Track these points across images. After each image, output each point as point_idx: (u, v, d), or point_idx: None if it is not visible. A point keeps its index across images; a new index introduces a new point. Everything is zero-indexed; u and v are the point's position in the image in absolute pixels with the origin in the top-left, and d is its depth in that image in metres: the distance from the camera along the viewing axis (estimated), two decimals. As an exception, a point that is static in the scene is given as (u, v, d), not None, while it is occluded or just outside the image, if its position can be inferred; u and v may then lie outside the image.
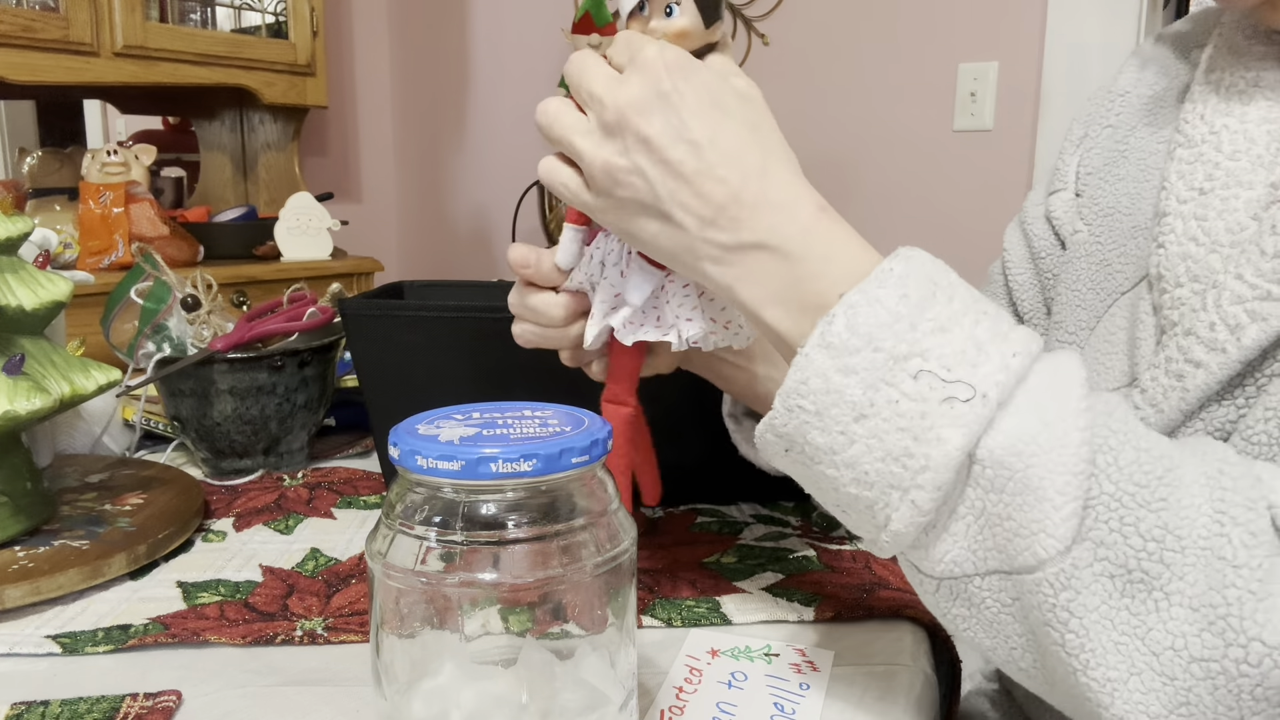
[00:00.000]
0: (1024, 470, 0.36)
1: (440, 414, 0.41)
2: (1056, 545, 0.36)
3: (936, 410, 0.37)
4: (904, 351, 0.37)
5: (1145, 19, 1.85)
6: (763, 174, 0.42)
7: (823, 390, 0.38)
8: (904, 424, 0.37)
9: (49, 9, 1.70)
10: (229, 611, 0.55)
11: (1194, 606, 0.35)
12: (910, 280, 0.39)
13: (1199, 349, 0.46)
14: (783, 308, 0.42)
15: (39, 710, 0.45)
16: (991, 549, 0.37)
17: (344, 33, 2.64)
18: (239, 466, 0.79)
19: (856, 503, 0.39)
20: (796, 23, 2.18)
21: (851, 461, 0.38)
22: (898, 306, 0.38)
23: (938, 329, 0.38)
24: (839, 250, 0.42)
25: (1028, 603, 0.37)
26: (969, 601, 0.39)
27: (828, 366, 0.38)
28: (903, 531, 0.38)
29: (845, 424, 0.38)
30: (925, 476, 0.37)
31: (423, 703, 0.39)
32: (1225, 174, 0.50)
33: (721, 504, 0.73)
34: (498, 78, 2.65)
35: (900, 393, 0.37)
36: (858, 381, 0.38)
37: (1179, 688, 0.35)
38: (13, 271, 0.60)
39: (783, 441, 0.41)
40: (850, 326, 0.38)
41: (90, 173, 1.71)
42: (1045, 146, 1.95)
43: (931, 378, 0.37)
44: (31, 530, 0.61)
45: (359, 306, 0.69)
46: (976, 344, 0.37)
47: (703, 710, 0.46)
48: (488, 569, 0.36)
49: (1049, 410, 0.37)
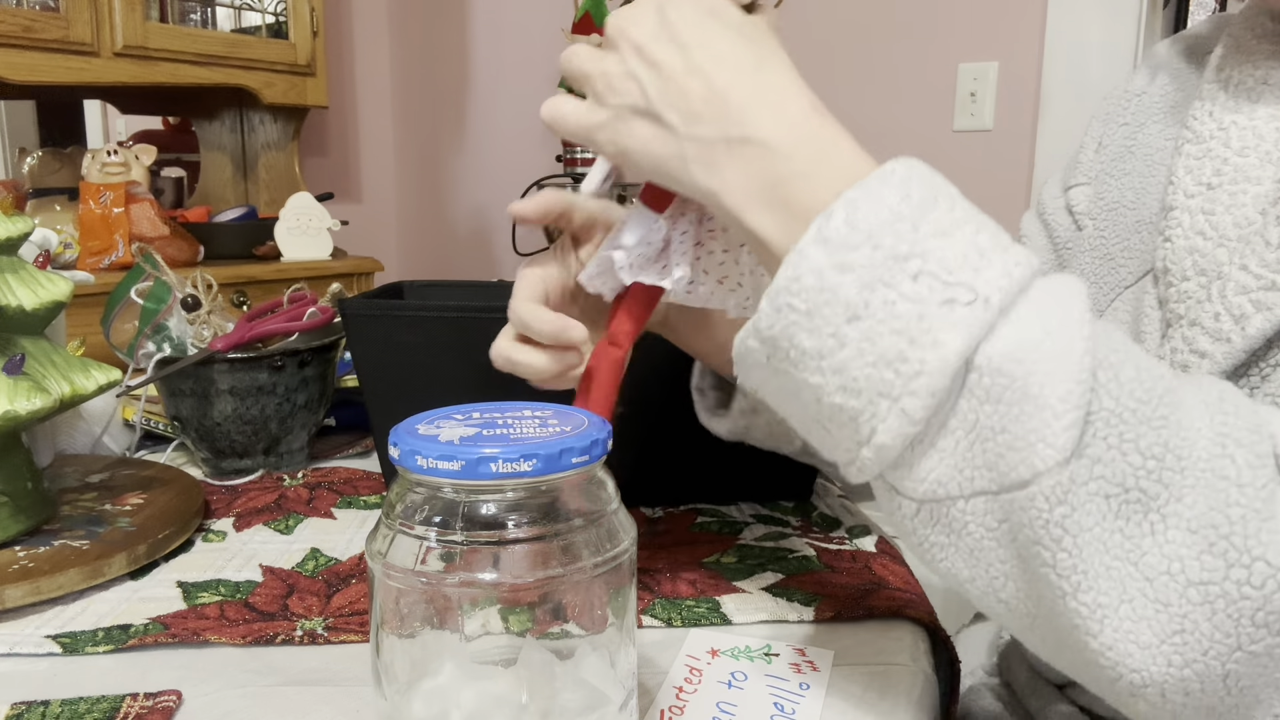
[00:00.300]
0: (1024, 378, 0.34)
1: (440, 414, 0.41)
2: (1055, 456, 0.34)
3: (935, 313, 0.35)
4: (904, 251, 0.36)
5: (1145, 19, 1.85)
6: (755, 71, 0.41)
7: (816, 288, 0.36)
8: (900, 326, 0.35)
9: (49, 9, 1.70)
10: (229, 611, 0.55)
11: (1193, 529, 0.34)
12: (913, 182, 0.37)
13: (1204, 339, 0.46)
14: (769, 210, 0.40)
15: (39, 710, 0.45)
16: (980, 466, 0.36)
17: (344, 33, 2.64)
18: (239, 466, 0.79)
19: (839, 414, 0.37)
20: (796, 22, 2.18)
21: (840, 366, 0.36)
22: (900, 206, 0.36)
23: (939, 233, 0.36)
24: (831, 150, 0.40)
25: (1017, 521, 0.35)
26: (949, 527, 0.37)
27: (823, 263, 0.36)
28: (888, 445, 0.36)
29: (837, 325, 0.36)
30: (919, 382, 0.35)
31: (423, 703, 0.39)
32: (1234, 169, 0.50)
33: (721, 504, 0.73)
34: (498, 78, 2.65)
35: (898, 293, 0.35)
36: (854, 280, 0.36)
37: (1173, 614, 0.34)
38: (13, 271, 0.60)
39: (765, 347, 0.39)
40: (850, 222, 0.36)
41: (90, 173, 1.71)
42: (1045, 146, 1.95)
43: (932, 279, 0.35)
44: (32, 530, 0.61)
45: (359, 306, 0.69)
46: (979, 250, 0.36)
47: (703, 710, 0.46)
48: (488, 569, 0.36)
49: (1052, 319, 0.35)
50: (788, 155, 0.40)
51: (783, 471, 0.73)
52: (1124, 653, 0.34)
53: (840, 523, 0.70)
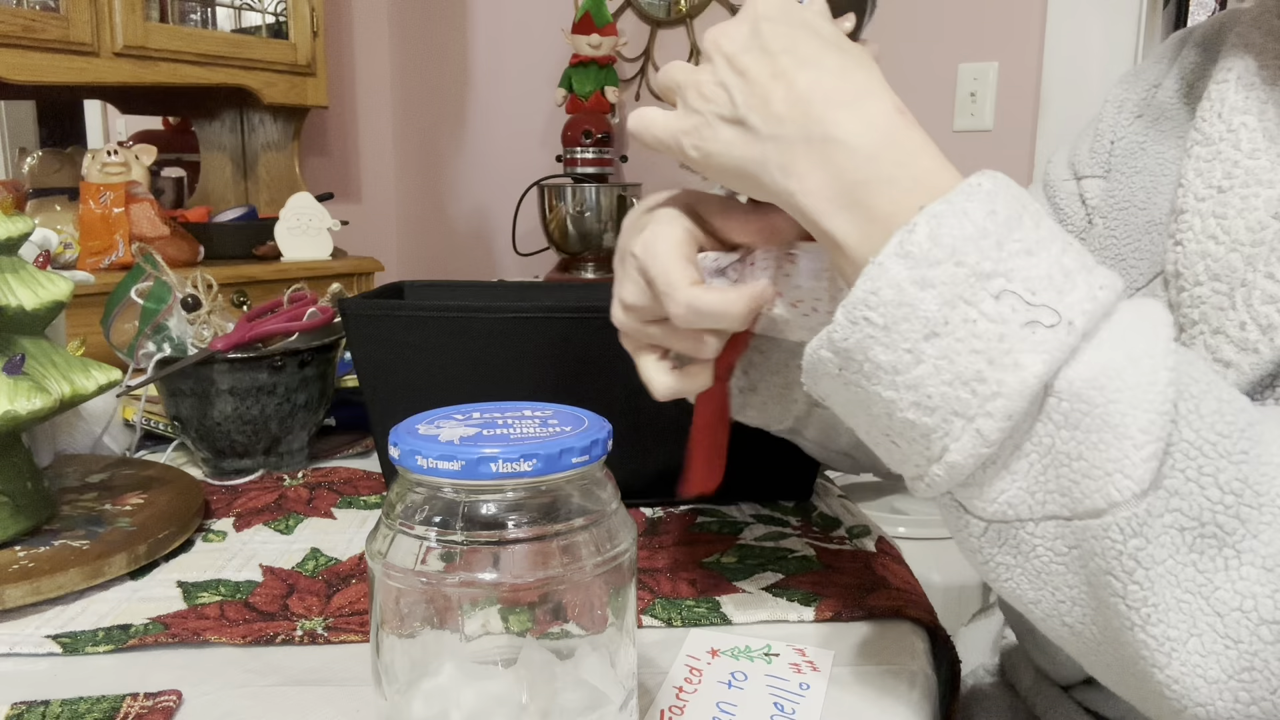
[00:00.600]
0: (1105, 405, 0.34)
1: (440, 414, 0.41)
2: (1133, 487, 0.33)
3: (1017, 334, 0.34)
4: (988, 269, 0.35)
5: (1145, 19, 1.85)
6: (839, 75, 0.41)
7: (895, 302, 0.36)
8: (980, 345, 0.35)
9: (49, 9, 1.70)
10: (229, 611, 0.55)
11: (1268, 566, 0.34)
12: (999, 198, 0.37)
13: (1229, 349, 0.46)
14: (848, 213, 0.39)
15: (39, 710, 0.45)
16: (1054, 491, 0.35)
17: (344, 33, 2.64)
18: (239, 466, 0.79)
19: (910, 430, 0.37)
20: (796, 23, 2.18)
21: (915, 383, 0.36)
22: (985, 222, 0.36)
23: (1024, 251, 0.36)
24: (915, 155, 0.39)
25: (1088, 550, 0.35)
26: (1017, 548, 0.37)
27: (903, 277, 0.36)
28: (960, 464, 0.36)
29: (914, 341, 0.36)
30: (996, 404, 0.35)
31: (423, 703, 0.39)
32: (1245, 172, 0.50)
33: (721, 504, 0.73)
34: (498, 78, 2.65)
35: (979, 312, 0.35)
36: (934, 296, 0.35)
37: (1243, 651, 0.34)
38: (13, 271, 0.60)
39: (839, 359, 0.38)
40: (933, 236, 0.36)
41: (90, 173, 1.71)
42: (1045, 146, 1.95)
43: (1015, 299, 0.35)
44: (32, 530, 0.61)
45: (359, 306, 0.69)
46: (1064, 271, 0.35)
47: (703, 710, 0.46)
48: (488, 569, 0.36)
49: (1136, 346, 0.35)
50: (869, 156, 0.39)
51: (783, 471, 0.73)
52: (1190, 686, 0.34)
53: (840, 523, 0.70)
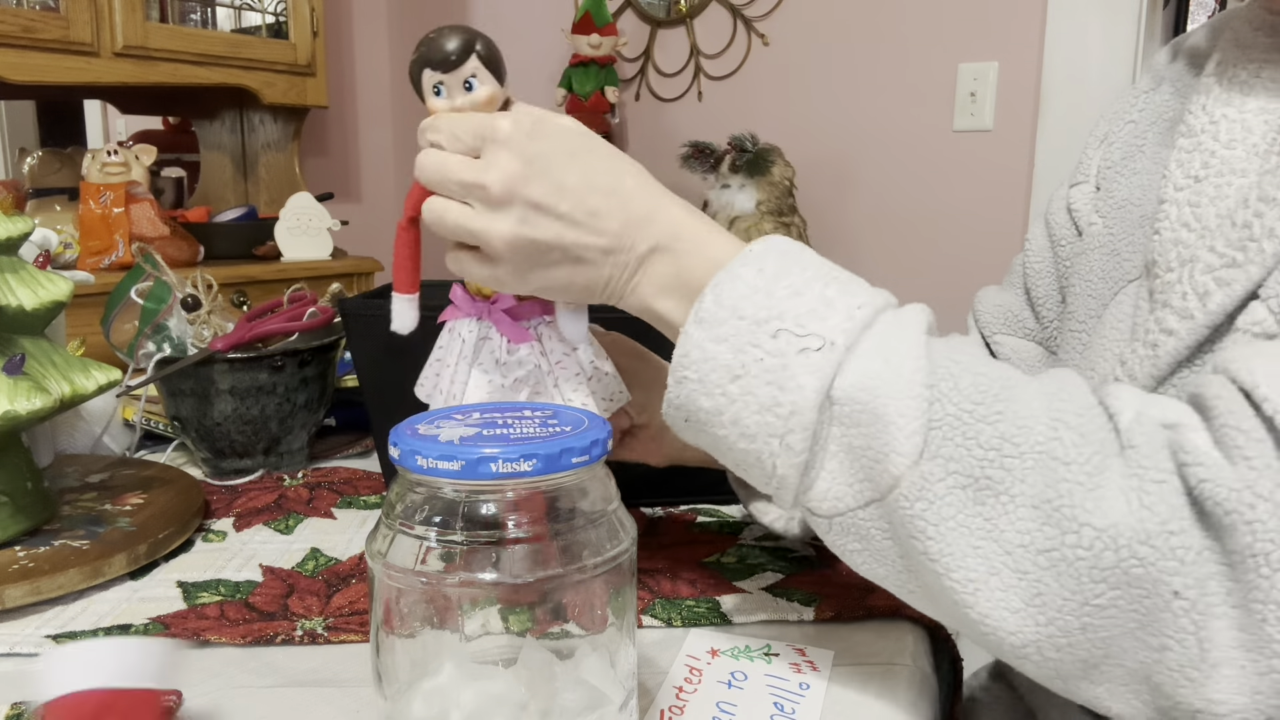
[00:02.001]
0: (871, 401, 0.40)
1: (440, 414, 0.41)
2: (904, 461, 0.40)
3: (795, 361, 0.42)
4: (763, 316, 0.43)
5: (1145, 19, 1.85)
6: (636, 193, 0.48)
7: (701, 359, 0.44)
8: (770, 377, 0.42)
9: (49, 9, 1.70)
10: (229, 611, 0.55)
11: (1035, 504, 0.39)
12: (767, 257, 0.45)
13: (1172, 318, 0.49)
14: (672, 297, 0.47)
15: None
16: (862, 479, 0.41)
17: (344, 33, 2.64)
18: (239, 466, 0.79)
19: (748, 457, 0.44)
20: (796, 23, 2.18)
21: (735, 419, 0.43)
22: (755, 279, 0.44)
23: (792, 293, 0.43)
24: (709, 240, 0.47)
25: (895, 522, 0.41)
26: (859, 534, 0.43)
27: (702, 337, 0.44)
28: (787, 475, 0.43)
29: (723, 385, 0.43)
30: (794, 420, 0.41)
31: (423, 702, 0.39)
32: (1220, 162, 0.51)
33: (721, 504, 0.73)
34: (498, 78, 2.64)
35: (764, 351, 0.42)
36: (728, 347, 0.43)
37: (1031, 580, 0.39)
38: (13, 271, 0.60)
39: (680, 412, 0.45)
40: (717, 300, 0.44)
41: (90, 173, 1.71)
42: (1045, 146, 1.94)
43: (788, 335, 0.42)
44: (32, 530, 0.61)
45: (359, 306, 0.69)
46: (825, 301, 0.43)
47: (703, 710, 0.46)
48: (488, 569, 0.36)
49: (890, 350, 0.41)
50: (682, 252, 0.47)
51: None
52: (999, 620, 0.40)
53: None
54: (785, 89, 2.18)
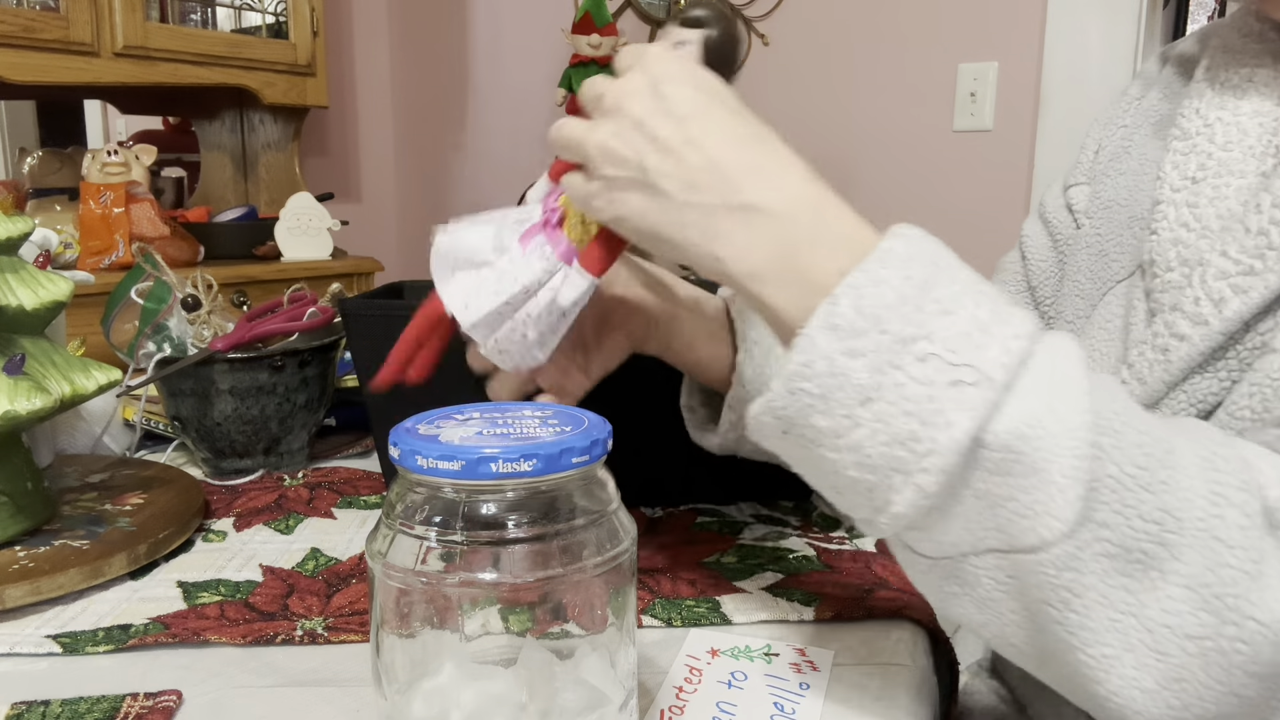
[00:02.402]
0: (1030, 454, 0.36)
1: (440, 414, 0.41)
2: (1061, 528, 0.36)
3: (944, 394, 0.36)
4: (910, 334, 0.37)
5: (1145, 19, 1.85)
6: (752, 143, 0.43)
7: (828, 373, 0.37)
8: (911, 408, 0.37)
9: (49, 9, 1.70)
10: (229, 611, 0.55)
11: (1190, 586, 0.36)
12: (914, 262, 0.38)
13: (1184, 323, 0.48)
14: (777, 282, 0.41)
15: (39, 710, 0.45)
16: (992, 529, 0.37)
17: (344, 33, 2.64)
18: (239, 466, 0.79)
19: (856, 485, 0.39)
20: (796, 23, 2.18)
21: (855, 445, 0.38)
22: (903, 287, 0.37)
23: (942, 311, 0.37)
24: (831, 218, 0.41)
25: (1027, 581, 0.37)
26: (962, 580, 0.39)
27: (833, 349, 0.37)
28: (904, 514, 0.38)
29: (850, 408, 0.37)
30: (931, 460, 0.36)
31: (423, 703, 0.39)
32: (1217, 163, 0.52)
33: (721, 504, 0.73)
34: (498, 78, 2.65)
35: (907, 376, 0.37)
36: (864, 364, 0.37)
37: (1172, 664, 0.36)
38: (13, 271, 0.60)
39: (781, 424, 0.40)
40: (856, 308, 0.37)
41: (91, 173, 1.71)
42: (1045, 146, 1.94)
43: (938, 361, 0.37)
44: (32, 530, 0.61)
45: (359, 306, 0.69)
46: (980, 326, 0.37)
47: (703, 710, 0.46)
48: (488, 569, 0.36)
49: (1053, 392, 0.37)
50: (792, 221, 0.41)
51: (783, 471, 0.73)
52: (1129, 698, 0.37)
53: (840, 523, 0.70)
54: (785, 89, 2.18)
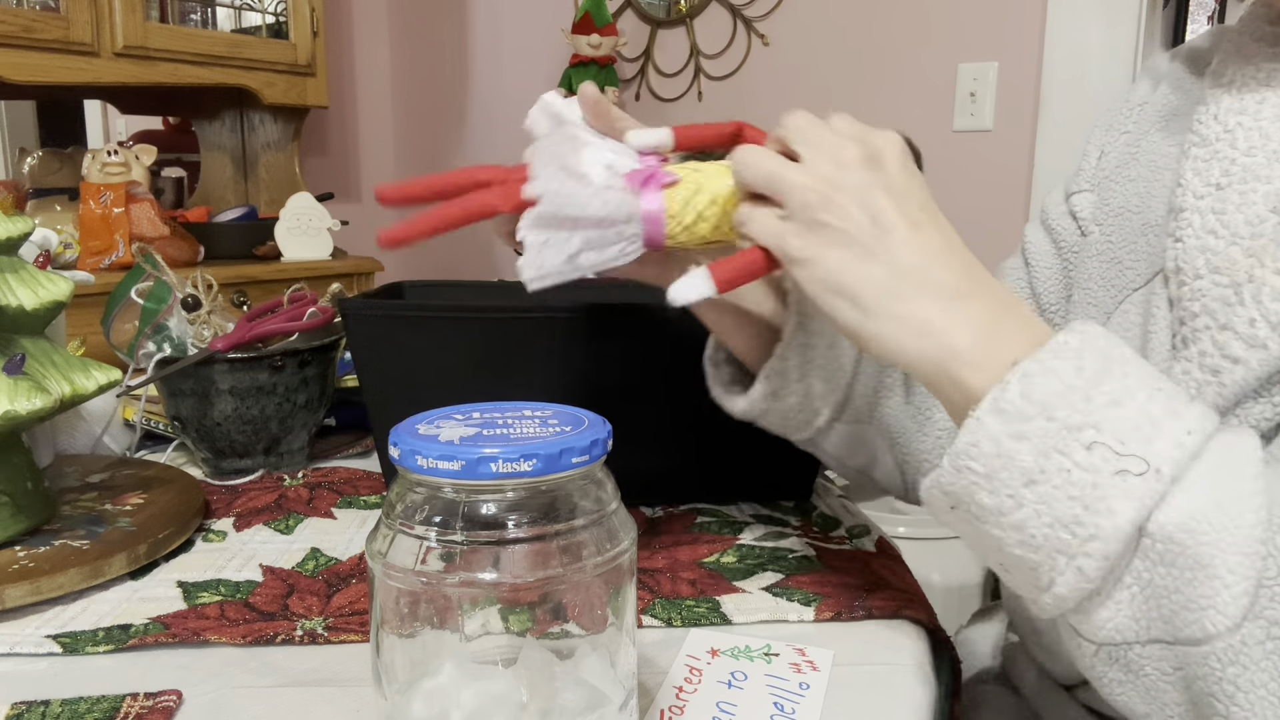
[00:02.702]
0: (1195, 548, 0.36)
1: (440, 414, 0.41)
2: (1225, 622, 0.36)
3: (1109, 482, 0.37)
4: (1078, 422, 0.38)
5: (1145, 19, 1.85)
6: (949, 233, 0.46)
7: (993, 454, 0.39)
8: (1075, 493, 0.38)
9: (49, 9, 1.70)
10: (229, 611, 0.55)
11: None
12: (1086, 354, 0.39)
13: (1237, 345, 0.47)
14: (969, 366, 0.42)
15: (39, 710, 0.45)
16: (1156, 619, 0.38)
17: (344, 33, 2.64)
18: (239, 466, 0.79)
19: (1021, 563, 0.40)
20: (796, 23, 2.18)
21: (1019, 524, 0.39)
22: (1073, 379, 0.39)
23: (1112, 402, 0.38)
24: (1015, 314, 0.44)
25: (1191, 674, 0.38)
26: (1127, 667, 0.40)
27: (999, 431, 0.39)
28: (1066, 596, 0.39)
29: (1014, 488, 0.39)
30: (1093, 545, 0.37)
31: (423, 702, 0.39)
32: (1242, 169, 0.51)
33: (721, 504, 0.73)
34: (498, 78, 2.65)
35: (1072, 462, 0.38)
36: (1029, 448, 0.38)
37: None
38: (13, 271, 0.60)
39: (949, 499, 0.42)
40: (1025, 394, 0.39)
41: (91, 173, 1.71)
42: (1045, 147, 1.94)
43: (1105, 450, 0.37)
44: (32, 530, 0.61)
45: (359, 306, 0.69)
46: (1151, 419, 0.38)
47: (703, 710, 0.46)
48: (488, 569, 0.36)
49: (1223, 489, 0.37)
50: (982, 312, 0.43)
51: (783, 471, 0.73)
52: None
53: (840, 523, 0.70)
54: (785, 89, 2.18)
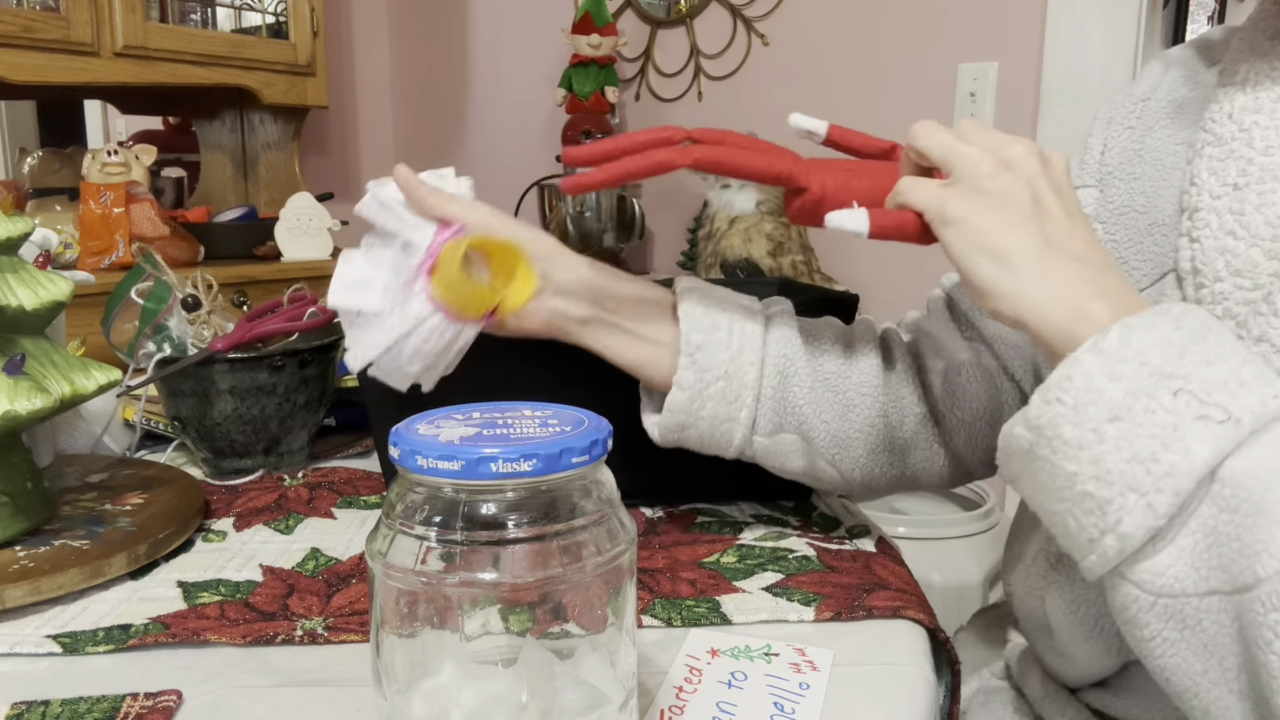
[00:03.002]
0: (1260, 494, 0.38)
1: (440, 414, 0.41)
2: (1275, 565, 0.37)
3: (1189, 425, 0.39)
4: (1169, 371, 0.40)
5: (1145, 19, 1.85)
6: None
7: (1085, 388, 0.41)
8: (1156, 431, 0.39)
9: (49, 9, 1.70)
10: (229, 611, 0.55)
11: None
12: (1187, 319, 0.42)
13: (1276, 358, 0.47)
14: (1079, 321, 0.44)
15: (39, 710, 0.45)
16: (1215, 567, 0.39)
17: (344, 33, 2.64)
18: (239, 466, 0.79)
19: (1088, 500, 0.41)
20: (796, 23, 2.18)
21: (1097, 459, 0.41)
22: (1171, 334, 0.41)
23: (1204, 361, 0.40)
24: (1139, 297, 0.46)
25: (1244, 621, 0.39)
26: (1184, 622, 0.41)
27: (1094, 368, 0.41)
28: (1131, 534, 0.40)
29: (1098, 422, 0.41)
30: (1167, 482, 0.39)
31: (423, 702, 0.39)
32: (1260, 169, 0.51)
33: (721, 504, 0.73)
34: (498, 77, 2.65)
35: (1158, 404, 0.40)
36: (1120, 387, 0.40)
37: None
38: (13, 271, 0.60)
39: (1031, 434, 0.43)
40: (1124, 339, 0.41)
41: (91, 173, 1.71)
42: (1045, 146, 1.94)
43: (1190, 397, 0.39)
44: (32, 530, 0.61)
45: (359, 306, 0.69)
46: (1240, 379, 0.40)
47: (703, 710, 0.46)
48: (488, 569, 0.36)
49: None
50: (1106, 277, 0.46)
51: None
52: None
53: (840, 523, 0.70)
54: (785, 89, 2.18)
